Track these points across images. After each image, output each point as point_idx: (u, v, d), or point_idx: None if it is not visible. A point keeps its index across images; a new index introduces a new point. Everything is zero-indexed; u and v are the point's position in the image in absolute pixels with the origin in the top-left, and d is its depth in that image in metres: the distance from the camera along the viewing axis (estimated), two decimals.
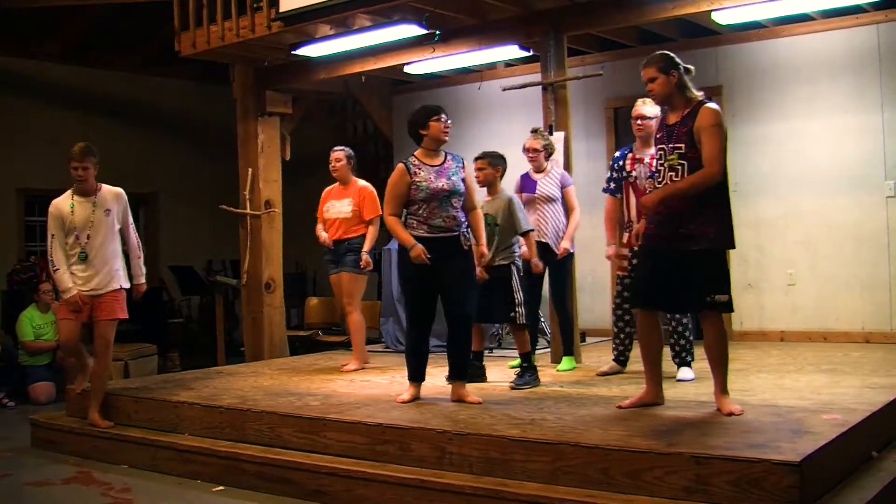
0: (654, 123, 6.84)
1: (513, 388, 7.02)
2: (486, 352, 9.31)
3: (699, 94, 5.67)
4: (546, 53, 8.59)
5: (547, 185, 8.00)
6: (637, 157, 7.25)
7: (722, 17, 8.53)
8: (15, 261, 12.37)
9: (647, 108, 7.14)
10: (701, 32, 9.77)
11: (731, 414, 5.55)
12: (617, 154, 7.55)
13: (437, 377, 7.07)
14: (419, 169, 6.59)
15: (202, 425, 6.91)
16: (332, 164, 8.63)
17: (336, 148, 8.83)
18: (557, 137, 8.37)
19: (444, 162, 6.67)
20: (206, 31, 9.64)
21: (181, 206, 14.90)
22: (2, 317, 9.81)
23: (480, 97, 11.27)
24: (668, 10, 8.07)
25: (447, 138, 6.69)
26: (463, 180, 6.62)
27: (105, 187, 7.58)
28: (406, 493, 5.45)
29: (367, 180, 8.60)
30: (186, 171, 14.90)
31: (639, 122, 7.21)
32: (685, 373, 7.23)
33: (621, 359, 7.63)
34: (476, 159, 7.37)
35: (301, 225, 9.45)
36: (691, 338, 7.26)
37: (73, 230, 7.45)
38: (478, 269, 6.80)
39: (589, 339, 9.74)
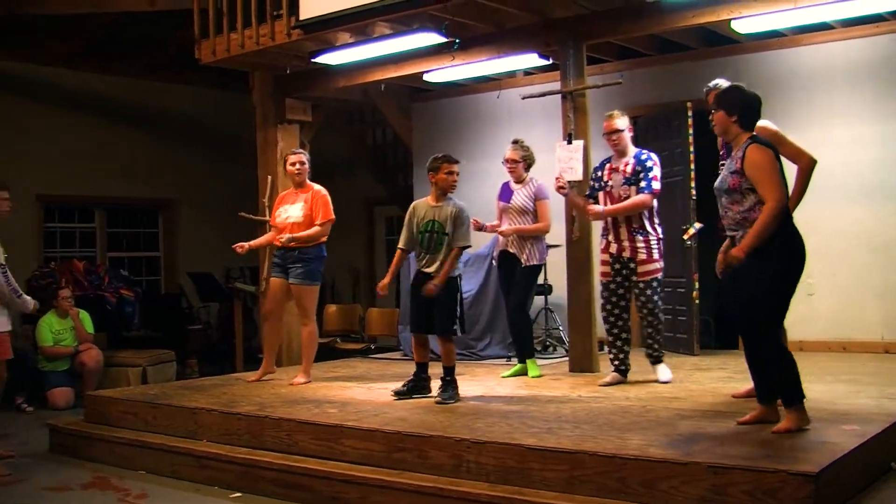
0: (626, 135, 7.43)
1: (438, 403, 6.97)
2: (506, 360, 9.36)
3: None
4: (565, 62, 8.60)
5: (522, 196, 8.18)
6: (614, 166, 7.53)
7: (741, 27, 8.52)
8: (35, 267, 12.42)
9: (618, 121, 7.44)
10: (720, 41, 9.75)
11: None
12: (597, 164, 7.71)
13: (469, 383, 7.07)
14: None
15: (220, 432, 6.93)
16: (297, 168, 8.36)
17: (296, 150, 8.77)
18: (577, 146, 8.38)
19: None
20: (226, 39, 9.67)
21: (199, 213, 14.93)
22: (21, 322, 9.87)
23: (500, 106, 11.26)
24: (688, 19, 8.06)
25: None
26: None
27: None
28: (423, 501, 5.45)
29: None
30: (204, 178, 14.93)
31: (613, 136, 7.44)
32: (663, 372, 7.54)
33: (622, 368, 7.64)
34: (455, 162, 7.33)
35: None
36: (662, 340, 7.64)
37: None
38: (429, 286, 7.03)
39: (606, 348, 9.69)
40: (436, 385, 7.26)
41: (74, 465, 7.44)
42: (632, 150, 7.50)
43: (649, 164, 7.38)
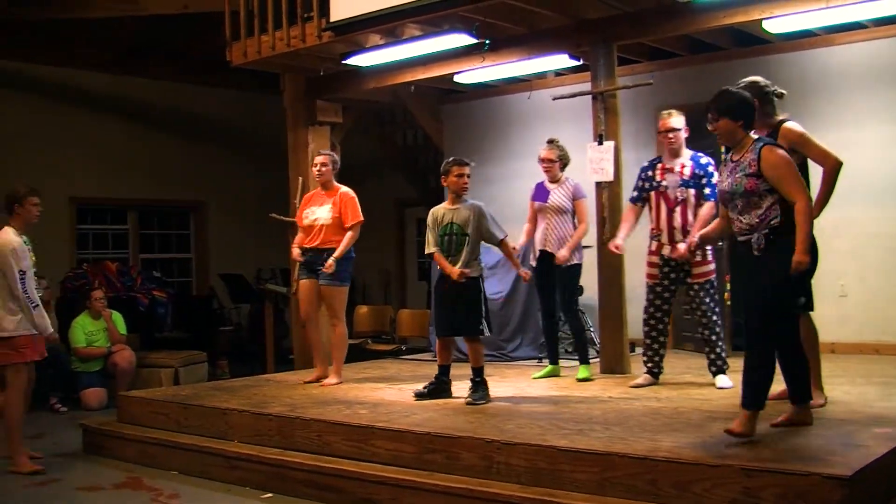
0: (681, 135, 7.34)
1: (469, 404, 6.96)
2: (536, 361, 9.34)
3: (781, 115, 6.25)
4: (596, 63, 8.58)
5: (559, 195, 8.09)
6: (667, 167, 7.44)
7: (773, 26, 8.47)
8: (68, 269, 12.52)
9: (674, 119, 7.31)
10: (751, 41, 9.69)
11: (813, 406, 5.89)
12: (645, 164, 7.63)
13: (500, 384, 7.07)
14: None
15: (251, 432, 6.95)
16: (318, 169, 8.41)
17: (322, 152, 8.80)
18: (607, 147, 8.37)
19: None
20: (256, 41, 9.70)
21: (231, 215, 15.01)
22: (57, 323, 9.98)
23: (530, 107, 11.24)
24: (719, 19, 8.02)
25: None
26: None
27: None
28: (453, 502, 5.46)
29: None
30: (236, 180, 15.01)
31: (669, 135, 7.35)
32: (722, 381, 7.29)
33: (655, 371, 7.59)
34: (464, 165, 7.32)
35: None
36: (723, 346, 7.43)
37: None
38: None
39: (638, 350, 9.66)
40: (459, 387, 7.28)
41: (107, 465, 7.50)
42: (686, 151, 7.41)
43: (710, 168, 7.31)
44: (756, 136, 5.48)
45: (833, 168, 6.08)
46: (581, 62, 9.42)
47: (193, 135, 14.77)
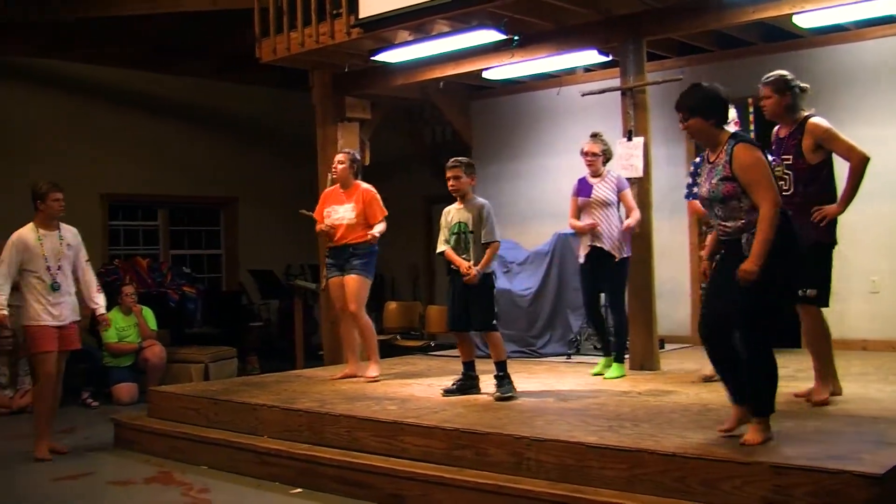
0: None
1: (497, 400, 6.97)
2: (565, 357, 9.34)
3: (807, 111, 6.19)
4: (625, 58, 8.57)
5: (603, 189, 8.03)
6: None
7: (803, 21, 8.44)
8: (99, 264, 12.59)
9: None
10: (782, 36, 9.63)
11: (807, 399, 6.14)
12: (697, 160, 7.54)
13: (529, 380, 7.07)
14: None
15: (281, 428, 6.98)
16: (334, 166, 8.45)
17: (342, 150, 8.82)
18: (637, 143, 8.34)
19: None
20: (286, 38, 9.74)
21: (260, 211, 15.06)
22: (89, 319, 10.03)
23: (559, 103, 11.24)
24: (749, 14, 7.99)
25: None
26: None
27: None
28: (483, 498, 5.46)
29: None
30: (265, 176, 15.06)
31: None
32: None
33: None
34: (450, 167, 7.35)
35: None
36: None
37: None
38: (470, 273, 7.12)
39: (667, 346, 9.65)
40: (487, 383, 7.29)
41: (138, 459, 7.56)
42: None
43: None
44: (732, 132, 5.26)
45: (860, 163, 6.05)
46: (610, 58, 9.41)
47: (224, 132, 14.83)
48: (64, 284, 7.59)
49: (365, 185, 8.43)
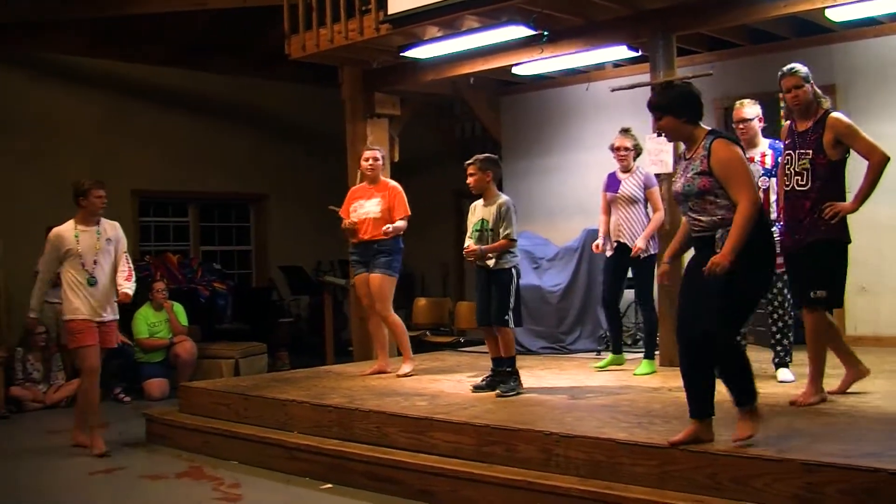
0: (755, 125, 7.09)
1: (498, 396, 7.01)
2: (595, 353, 9.33)
3: (827, 104, 6.14)
4: (655, 53, 8.53)
5: (630, 185, 8.04)
6: (747, 156, 7.17)
7: (836, 14, 8.37)
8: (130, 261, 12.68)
9: (747, 109, 7.14)
10: (814, 30, 9.55)
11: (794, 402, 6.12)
12: None
13: (559, 376, 7.07)
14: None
15: (310, 423, 7.02)
16: (369, 163, 8.48)
17: (371, 146, 8.86)
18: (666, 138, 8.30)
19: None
20: (315, 34, 9.76)
21: (290, 207, 15.11)
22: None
23: (588, 98, 11.21)
24: (780, 8, 7.94)
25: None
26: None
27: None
28: (512, 494, 5.48)
29: None
30: (295, 173, 15.11)
31: (741, 125, 7.13)
32: (784, 374, 7.16)
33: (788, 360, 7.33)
34: (467, 165, 7.44)
35: (409, 225, 9.49)
36: (791, 339, 7.20)
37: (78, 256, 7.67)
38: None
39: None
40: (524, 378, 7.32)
41: (169, 454, 7.63)
42: (763, 140, 7.18)
43: None
44: (709, 129, 5.16)
45: (880, 162, 5.95)
46: (640, 53, 9.39)
47: (254, 128, 14.89)
48: (101, 279, 7.66)
49: (392, 182, 8.51)
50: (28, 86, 12.54)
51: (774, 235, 5.09)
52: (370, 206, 8.39)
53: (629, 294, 8.80)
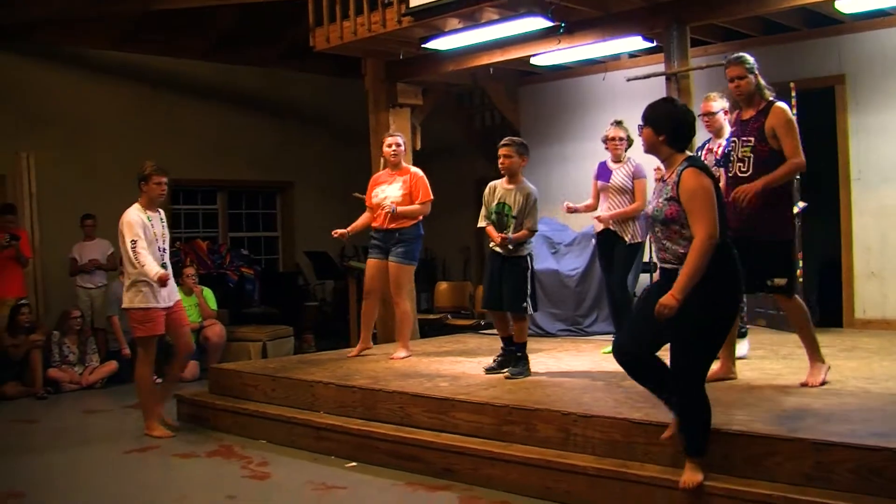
0: (720, 117, 7.21)
1: (507, 378, 7.12)
2: (613, 336, 9.47)
3: (771, 95, 6.18)
4: (669, 44, 8.63)
5: (621, 175, 8.12)
6: (710, 147, 7.37)
7: (845, 6, 8.47)
8: None
9: (714, 103, 7.26)
10: (824, 21, 9.62)
11: (805, 384, 6.14)
12: (698, 145, 7.64)
13: (576, 358, 7.22)
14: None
15: (336, 404, 7.17)
16: (392, 149, 8.53)
17: (392, 133, 8.92)
18: None
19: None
20: (339, 27, 9.93)
21: (315, 195, 15.25)
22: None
23: (605, 88, 11.34)
24: (792, 0, 8.08)
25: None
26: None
27: None
28: (531, 472, 5.62)
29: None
30: (320, 161, 15.26)
31: (706, 118, 7.25)
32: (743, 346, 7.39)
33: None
34: (502, 146, 7.43)
35: (431, 211, 9.64)
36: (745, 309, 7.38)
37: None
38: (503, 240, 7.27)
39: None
40: (535, 360, 7.47)
41: (200, 434, 7.82)
42: (726, 132, 7.23)
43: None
44: (688, 155, 5.02)
45: (797, 166, 6.07)
46: (655, 44, 9.50)
47: (282, 118, 15.05)
48: (168, 266, 7.71)
49: (415, 169, 8.62)
50: (61, 80, 12.75)
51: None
52: (391, 191, 8.47)
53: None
